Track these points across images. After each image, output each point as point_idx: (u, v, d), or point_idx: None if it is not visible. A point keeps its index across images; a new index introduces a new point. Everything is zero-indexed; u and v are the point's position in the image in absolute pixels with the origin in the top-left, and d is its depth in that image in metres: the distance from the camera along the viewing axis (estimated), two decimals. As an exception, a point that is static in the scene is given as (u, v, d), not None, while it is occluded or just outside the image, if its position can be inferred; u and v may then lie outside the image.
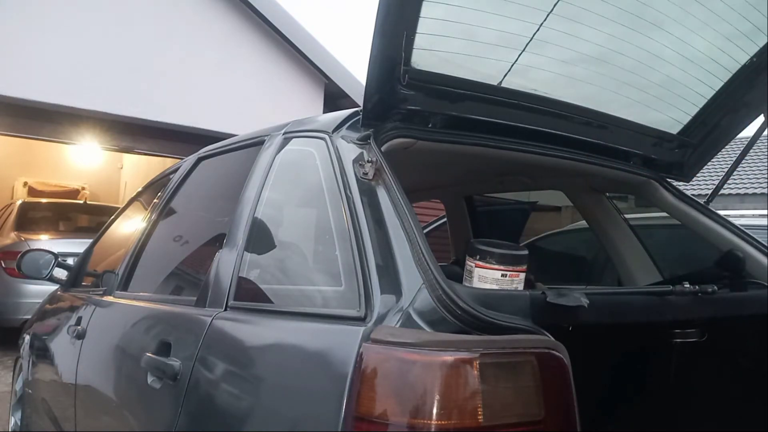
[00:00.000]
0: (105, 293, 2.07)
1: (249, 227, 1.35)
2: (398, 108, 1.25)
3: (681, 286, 1.26)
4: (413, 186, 2.11)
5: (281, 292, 1.32)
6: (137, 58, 6.09)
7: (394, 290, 0.94)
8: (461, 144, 1.36)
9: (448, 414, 0.79)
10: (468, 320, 0.87)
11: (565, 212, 5.12)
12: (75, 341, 2.04)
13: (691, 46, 1.46)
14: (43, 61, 5.59)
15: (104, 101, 5.90)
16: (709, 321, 1.39)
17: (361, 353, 0.86)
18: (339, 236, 1.09)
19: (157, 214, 2.01)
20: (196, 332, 1.29)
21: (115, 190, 11.19)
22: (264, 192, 1.37)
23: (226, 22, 6.74)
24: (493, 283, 1.12)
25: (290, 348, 1.10)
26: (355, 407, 0.84)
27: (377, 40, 1.11)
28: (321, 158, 1.23)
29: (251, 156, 1.51)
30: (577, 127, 1.55)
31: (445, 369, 0.80)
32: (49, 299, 2.90)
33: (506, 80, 1.37)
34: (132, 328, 1.73)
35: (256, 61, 6.96)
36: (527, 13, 1.27)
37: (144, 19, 6.18)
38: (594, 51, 1.42)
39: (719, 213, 1.73)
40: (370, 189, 1.10)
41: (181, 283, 1.90)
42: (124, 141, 6.65)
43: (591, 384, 1.10)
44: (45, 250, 2.67)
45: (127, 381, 1.63)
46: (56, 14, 5.68)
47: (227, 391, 1.16)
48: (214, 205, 1.94)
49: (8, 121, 5.97)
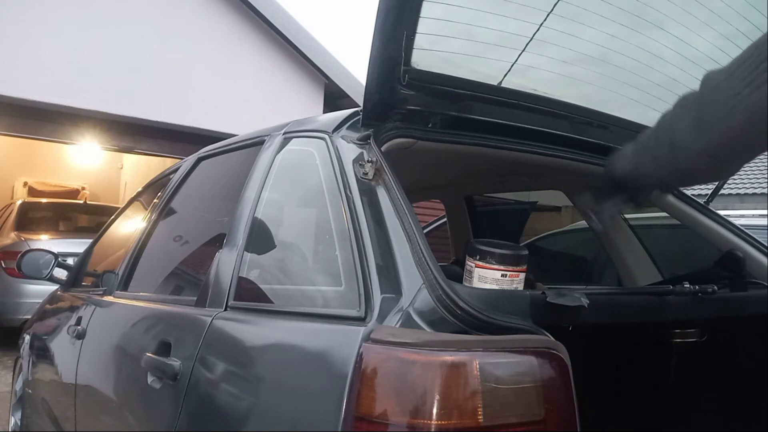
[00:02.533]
0: (105, 293, 2.07)
1: (249, 227, 1.35)
2: (398, 108, 1.25)
3: (681, 286, 1.26)
4: (413, 186, 2.11)
5: (281, 292, 1.32)
6: (137, 57, 6.09)
7: (394, 290, 0.94)
8: (461, 144, 1.36)
9: (448, 414, 0.79)
10: (468, 320, 0.88)
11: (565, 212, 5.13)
12: (75, 341, 2.04)
13: (691, 46, 1.46)
14: (43, 61, 5.59)
15: (104, 101, 5.90)
16: (709, 321, 1.39)
17: (361, 353, 0.86)
18: (339, 236, 1.09)
19: (157, 214, 2.01)
20: (196, 332, 1.29)
21: (115, 190, 11.19)
22: (264, 192, 1.37)
23: (226, 22, 6.74)
24: (493, 283, 1.12)
25: (290, 348, 1.10)
26: (355, 407, 0.84)
27: (377, 40, 1.11)
28: (321, 158, 1.23)
29: (251, 156, 1.51)
30: (577, 127, 1.55)
31: (445, 369, 0.80)
32: (49, 299, 2.90)
33: (506, 80, 1.37)
34: (132, 328, 1.73)
35: (256, 60, 6.96)
36: (527, 13, 1.27)
37: (144, 18, 6.18)
38: (594, 51, 1.42)
39: (719, 213, 1.73)
40: (370, 189, 1.10)
41: (181, 283, 1.90)
42: (123, 141, 6.65)
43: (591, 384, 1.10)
44: (45, 250, 2.67)
45: (127, 381, 1.63)
46: (56, 14, 5.68)
47: (227, 391, 1.16)
48: (214, 205, 1.94)
49: (8, 121, 5.97)
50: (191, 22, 6.51)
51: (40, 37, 5.57)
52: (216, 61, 6.65)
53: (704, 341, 1.43)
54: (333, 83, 7.32)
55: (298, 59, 7.13)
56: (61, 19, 5.71)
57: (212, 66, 6.60)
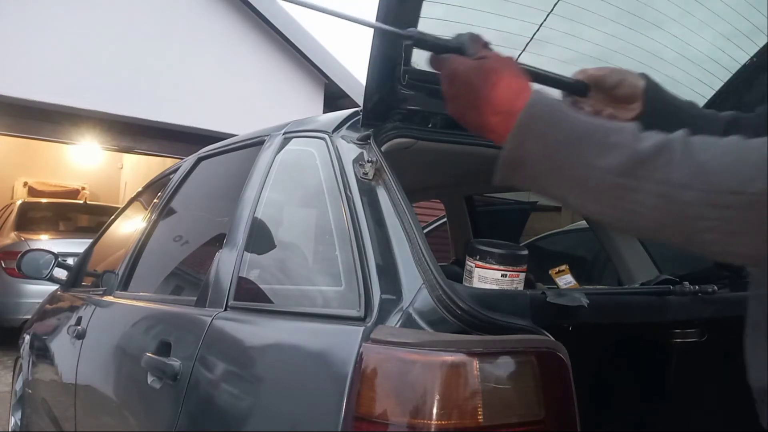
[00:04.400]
0: (105, 293, 2.07)
1: (249, 227, 1.35)
2: (398, 108, 1.25)
3: (681, 286, 1.26)
4: (413, 186, 2.11)
5: (281, 292, 1.32)
6: (137, 57, 6.10)
7: (394, 290, 0.94)
8: (461, 144, 1.36)
9: (448, 414, 0.79)
10: (468, 320, 0.87)
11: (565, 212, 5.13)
12: (75, 341, 2.04)
13: (691, 46, 1.46)
14: (43, 61, 5.59)
15: (104, 101, 5.90)
16: (709, 321, 1.39)
17: (361, 353, 0.86)
18: (339, 236, 1.09)
19: (157, 214, 2.01)
20: (196, 332, 1.29)
21: (115, 190, 11.19)
22: (264, 192, 1.37)
23: (226, 22, 6.75)
24: (493, 283, 1.12)
25: (290, 348, 1.10)
26: (355, 407, 0.84)
27: (377, 40, 1.11)
28: (321, 158, 1.23)
29: (251, 156, 1.51)
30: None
31: (445, 369, 0.80)
32: (49, 299, 2.90)
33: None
34: (132, 328, 1.73)
35: (256, 61, 6.96)
36: (527, 13, 1.27)
37: (144, 18, 6.19)
38: (594, 51, 1.42)
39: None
40: (370, 189, 1.10)
41: (181, 283, 1.90)
42: (123, 141, 6.66)
43: (591, 384, 1.10)
44: (45, 250, 2.67)
45: (127, 381, 1.63)
46: (56, 14, 5.68)
47: (227, 391, 1.16)
48: (214, 205, 1.94)
49: (8, 121, 5.97)
50: (191, 22, 6.52)
51: (40, 37, 5.57)
52: (216, 61, 6.65)
53: (704, 341, 1.43)
54: (333, 83, 7.32)
55: (298, 59, 7.13)
56: (61, 19, 5.71)
57: (212, 66, 6.60)
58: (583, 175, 0.60)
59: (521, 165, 0.65)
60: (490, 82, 0.67)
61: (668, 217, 0.56)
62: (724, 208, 0.53)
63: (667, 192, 0.55)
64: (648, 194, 0.56)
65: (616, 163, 0.58)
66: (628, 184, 0.57)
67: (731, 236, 0.54)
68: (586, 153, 0.59)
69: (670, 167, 0.56)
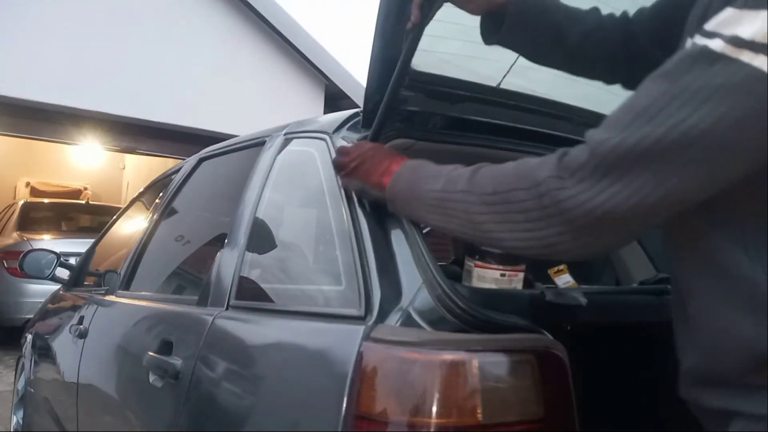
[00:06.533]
0: (107, 293, 2.08)
1: (250, 227, 1.35)
2: (398, 109, 1.26)
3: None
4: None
5: (282, 292, 1.32)
6: (138, 58, 6.11)
7: (394, 289, 0.94)
8: (461, 144, 1.36)
9: (447, 412, 0.80)
10: (467, 319, 0.88)
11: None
12: (77, 340, 2.05)
13: (691, 46, 1.46)
14: (44, 61, 5.61)
15: (105, 102, 5.92)
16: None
17: (361, 352, 0.86)
18: (339, 236, 1.09)
19: (158, 215, 2.02)
20: (197, 331, 1.30)
21: (117, 190, 11.21)
22: (265, 192, 1.38)
23: (226, 23, 6.76)
24: (492, 282, 1.12)
25: (291, 347, 1.10)
26: (356, 406, 0.84)
27: (377, 40, 1.12)
28: (321, 159, 1.24)
29: (252, 156, 1.52)
30: (577, 128, 1.55)
31: (445, 368, 0.81)
32: (51, 299, 2.91)
33: (505, 81, 1.37)
34: (134, 328, 1.74)
35: (257, 62, 6.97)
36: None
37: (145, 19, 6.20)
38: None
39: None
40: (371, 189, 1.10)
41: (182, 282, 1.91)
42: (125, 141, 6.67)
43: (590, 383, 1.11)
44: (47, 250, 2.68)
45: (129, 380, 1.64)
46: (57, 14, 5.69)
47: (228, 390, 1.17)
48: (215, 205, 1.95)
49: (9, 122, 5.99)
50: (192, 23, 6.53)
51: (41, 37, 5.58)
52: (217, 62, 6.66)
53: None
54: (333, 84, 7.33)
55: (298, 60, 7.14)
56: (62, 20, 5.72)
57: (213, 67, 6.62)
58: (427, 197, 0.89)
59: (394, 198, 0.96)
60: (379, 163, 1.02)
61: (465, 215, 0.82)
62: (490, 205, 0.78)
63: (462, 198, 0.82)
64: (455, 202, 0.83)
65: (440, 186, 0.87)
66: (445, 196, 0.85)
67: (501, 225, 0.77)
68: (430, 184, 0.89)
69: (464, 182, 0.83)
